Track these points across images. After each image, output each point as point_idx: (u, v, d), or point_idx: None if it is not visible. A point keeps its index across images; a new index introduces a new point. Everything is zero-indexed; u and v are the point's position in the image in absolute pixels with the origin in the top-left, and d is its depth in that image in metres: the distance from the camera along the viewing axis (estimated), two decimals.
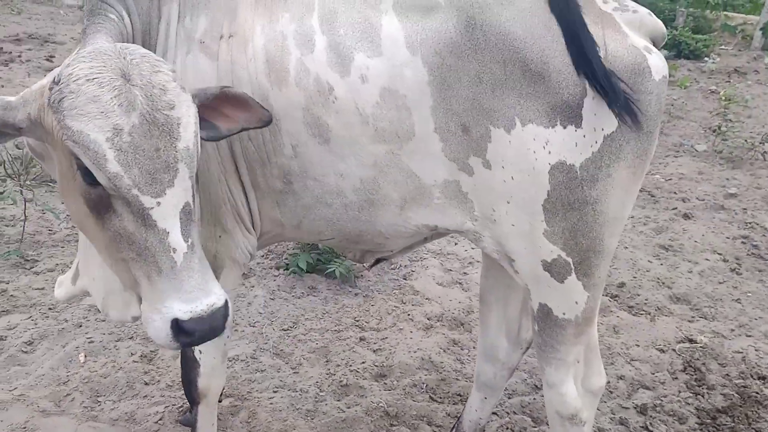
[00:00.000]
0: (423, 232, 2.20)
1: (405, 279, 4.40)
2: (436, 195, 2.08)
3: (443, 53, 1.92)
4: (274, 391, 3.26)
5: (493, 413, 3.23)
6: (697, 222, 5.59)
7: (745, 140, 7.28)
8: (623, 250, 5.00)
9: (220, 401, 3.10)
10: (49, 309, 3.77)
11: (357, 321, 3.89)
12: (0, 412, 2.98)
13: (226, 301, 1.66)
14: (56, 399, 3.11)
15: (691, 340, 3.92)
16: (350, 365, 3.48)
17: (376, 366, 3.49)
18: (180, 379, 2.91)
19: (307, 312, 3.93)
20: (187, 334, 1.59)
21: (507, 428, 3.13)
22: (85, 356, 3.40)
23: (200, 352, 2.35)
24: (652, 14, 2.03)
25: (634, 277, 4.65)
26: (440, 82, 1.94)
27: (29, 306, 3.78)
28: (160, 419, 3.02)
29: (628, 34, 1.94)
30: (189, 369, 2.40)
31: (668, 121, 8.36)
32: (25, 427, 2.91)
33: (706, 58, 12.10)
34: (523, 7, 1.91)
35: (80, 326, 3.63)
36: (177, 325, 1.58)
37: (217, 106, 1.82)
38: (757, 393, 3.46)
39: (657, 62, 1.93)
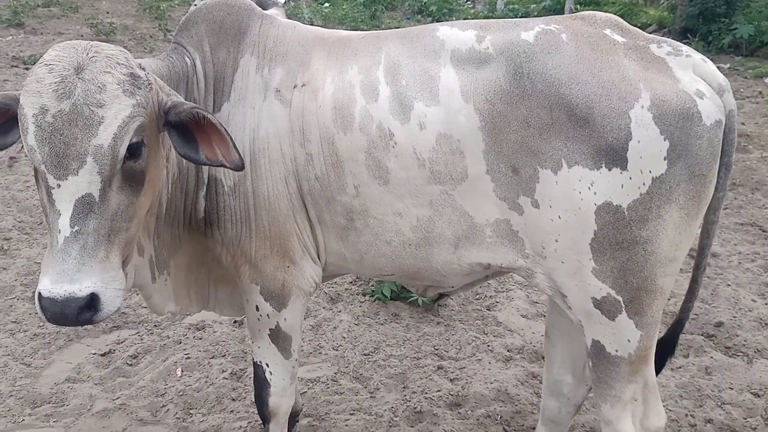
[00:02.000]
0: (477, 271, 2.28)
1: (488, 310, 4.43)
2: (488, 234, 2.16)
3: (494, 100, 2.03)
4: (351, 414, 3.40)
5: None
6: None
7: None
8: (725, 288, 4.78)
9: (297, 420, 3.29)
10: (155, 326, 4.11)
11: (436, 349, 3.97)
12: (103, 419, 3.30)
13: (93, 297, 1.73)
14: (153, 409, 3.40)
15: None
16: (426, 393, 3.56)
17: (452, 395, 3.55)
18: None
19: (388, 338, 4.05)
20: (43, 310, 1.72)
21: None
22: (182, 371, 3.69)
23: (271, 373, 2.53)
24: (707, 60, 2.04)
25: (734, 317, 4.42)
26: (491, 127, 2.03)
27: (138, 323, 4.15)
28: None
29: (679, 79, 1.96)
30: (260, 389, 2.58)
31: None
32: None
33: None
34: (568, 55, 1.98)
35: (180, 343, 3.93)
36: (39, 299, 1.72)
37: (208, 132, 1.94)
38: None
39: (709, 107, 1.94)
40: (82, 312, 1.73)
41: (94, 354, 3.82)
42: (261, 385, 2.58)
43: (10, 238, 4.96)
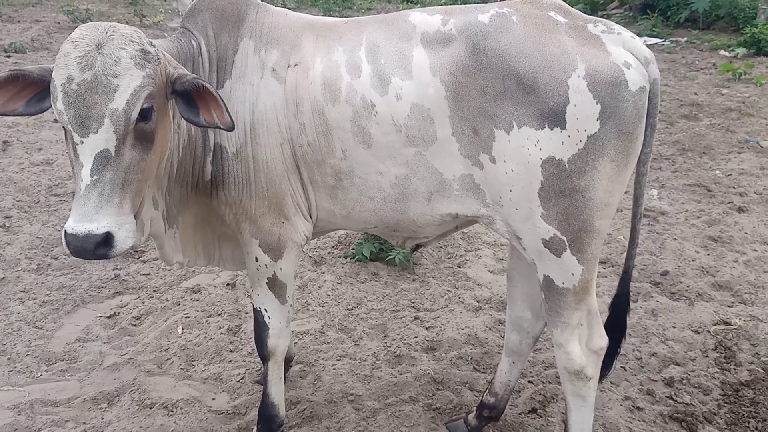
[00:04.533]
0: (447, 221, 2.67)
1: (459, 267, 4.87)
2: (455, 187, 2.55)
3: (456, 73, 2.41)
4: (337, 360, 3.80)
5: (529, 381, 3.66)
6: (751, 215, 5.73)
7: None
8: (672, 242, 5.25)
9: (291, 366, 3.69)
10: (154, 291, 4.47)
11: (413, 303, 4.39)
12: (114, 372, 3.67)
13: (108, 235, 2.03)
14: (159, 362, 3.77)
15: (726, 323, 4.18)
16: (404, 339, 3.98)
17: (427, 340, 3.98)
18: None
19: (369, 294, 4.46)
20: (67, 244, 2.04)
21: (540, 394, 3.54)
22: (183, 329, 4.06)
23: (269, 317, 2.91)
24: (636, 37, 2.44)
25: (679, 266, 4.90)
26: (455, 96, 2.42)
27: (138, 288, 4.50)
28: (242, 379, 3.63)
29: (610, 53, 2.36)
30: (260, 332, 2.96)
31: (737, 119, 8.38)
32: (133, 383, 3.58)
33: None
34: (518, 33, 2.37)
35: (179, 304, 4.30)
36: (65, 235, 2.04)
37: (207, 99, 2.26)
38: None
39: (635, 76, 2.34)
40: (98, 247, 2.05)
41: (100, 317, 4.17)
42: (260, 328, 2.96)
43: (11, 216, 5.25)
